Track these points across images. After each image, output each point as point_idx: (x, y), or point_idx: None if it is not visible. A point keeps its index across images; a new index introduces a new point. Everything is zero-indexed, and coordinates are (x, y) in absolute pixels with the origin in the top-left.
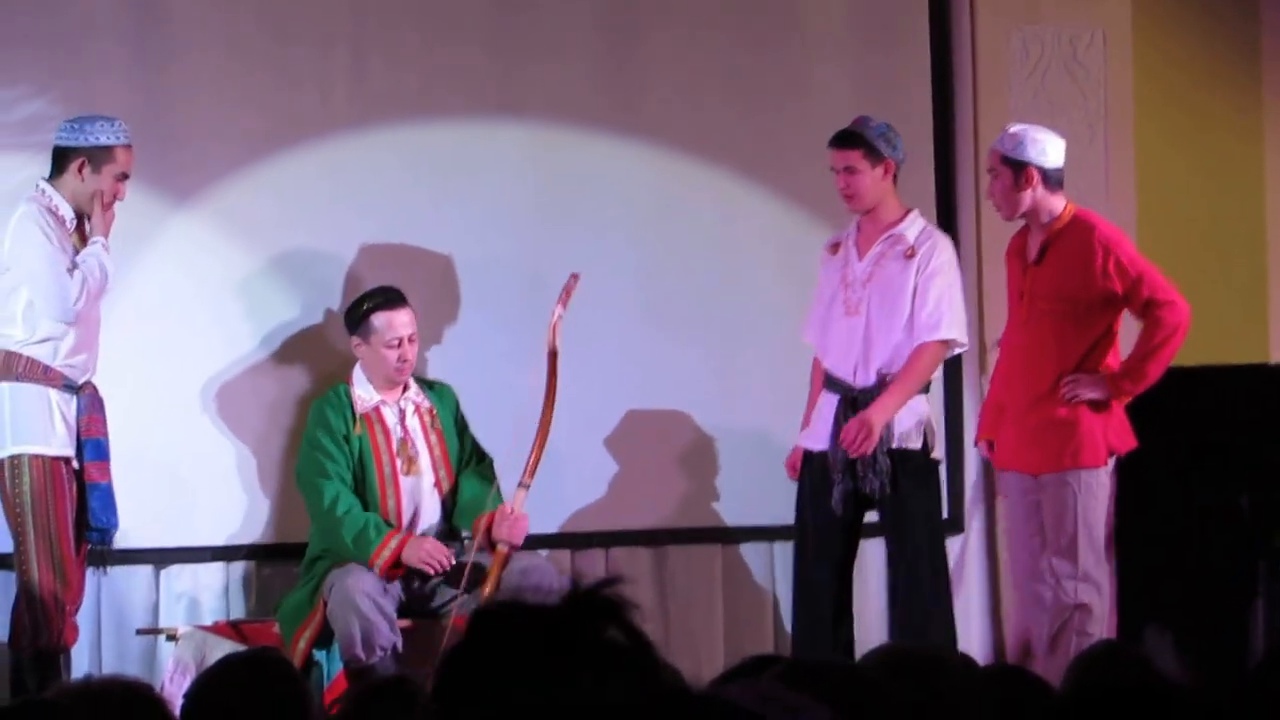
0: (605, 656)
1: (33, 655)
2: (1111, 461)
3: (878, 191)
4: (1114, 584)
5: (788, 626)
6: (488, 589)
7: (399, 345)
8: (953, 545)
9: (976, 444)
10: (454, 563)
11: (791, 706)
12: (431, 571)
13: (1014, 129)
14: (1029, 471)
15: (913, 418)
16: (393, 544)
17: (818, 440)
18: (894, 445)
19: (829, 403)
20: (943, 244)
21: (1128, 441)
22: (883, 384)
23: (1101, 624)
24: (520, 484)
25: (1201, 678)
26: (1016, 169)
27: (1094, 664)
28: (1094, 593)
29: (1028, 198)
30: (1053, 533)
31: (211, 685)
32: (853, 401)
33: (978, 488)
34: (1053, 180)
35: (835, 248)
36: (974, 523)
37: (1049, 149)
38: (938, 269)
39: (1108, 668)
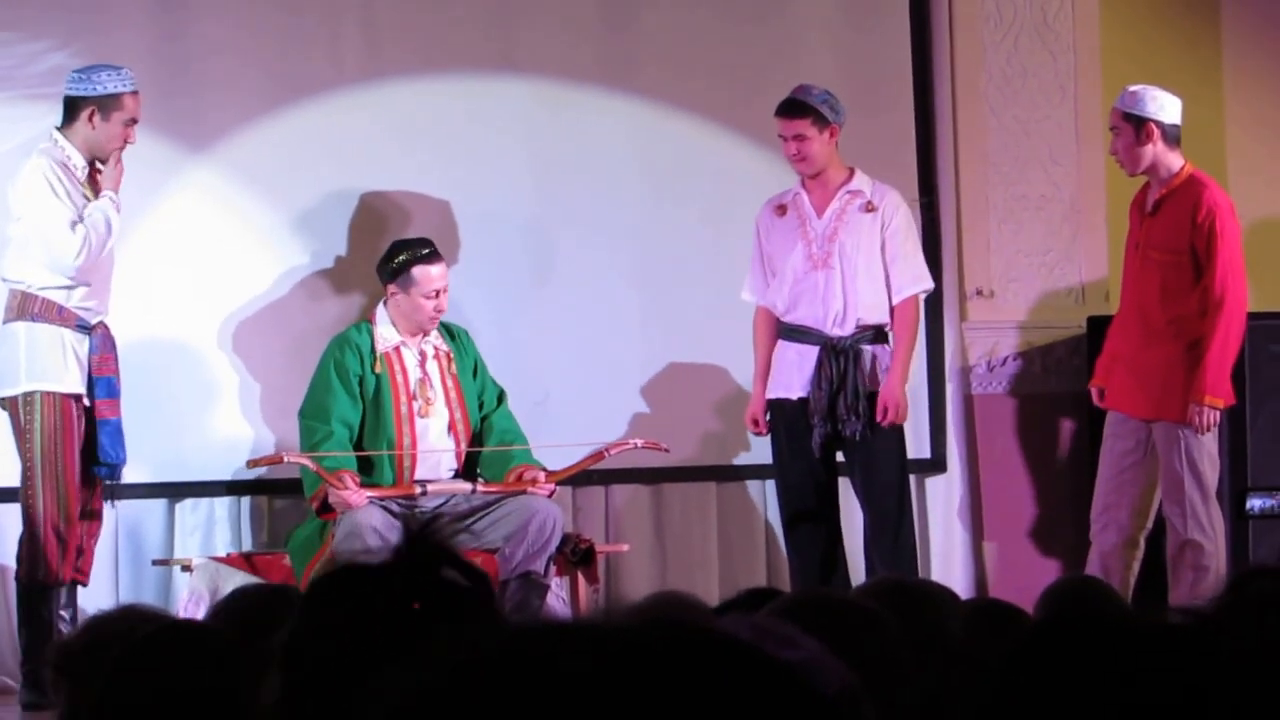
0: (446, 598)
1: (26, 586)
2: (1217, 414)
3: (825, 155)
4: (1228, 526)
5: (781, 562)
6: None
7: (435, 296)
8: (936, 484)
9: (1088, 389)
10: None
11: (785, 638)
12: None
13: (1134, 88)
14: (1137, 415)
15: (887, 359)
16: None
17: (791, 389)
18: (873, 388)
19: (799, 352)
20: (896, 197)
21: (1229, 397)
22: (861, 331)
23: (1215, 560)
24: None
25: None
26: (1137, 125)
27: (1063, 596)
28: (1201, 531)
29: (1149, 153)
30: (1163, 476)
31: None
32: (834, 349)
33: (959, 427)
34: (1171, 136)
35: (782, 209)
36: (955, 462)
37: (1167, 105)
38: (900, 225)
39: (1075, 599)
